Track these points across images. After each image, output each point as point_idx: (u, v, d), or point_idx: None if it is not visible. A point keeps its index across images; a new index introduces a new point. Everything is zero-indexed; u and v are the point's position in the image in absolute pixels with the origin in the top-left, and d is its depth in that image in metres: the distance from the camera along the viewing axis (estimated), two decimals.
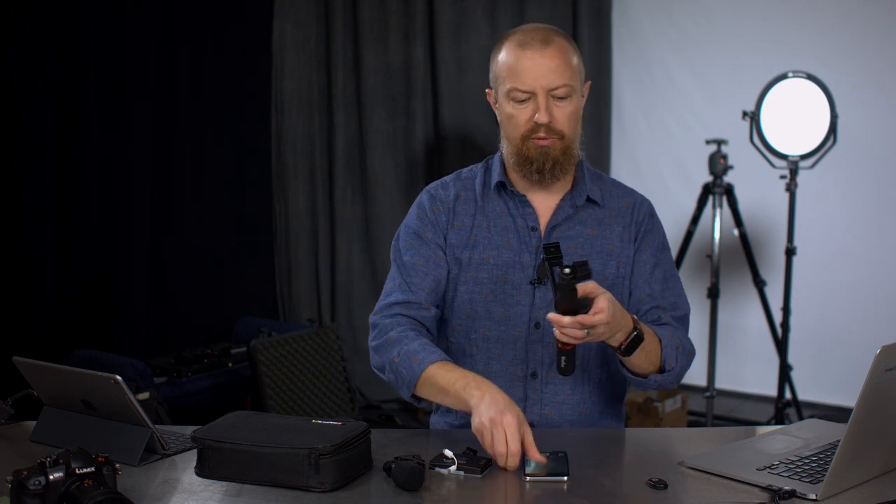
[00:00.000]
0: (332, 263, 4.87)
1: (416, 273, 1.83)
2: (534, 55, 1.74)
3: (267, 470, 1.44)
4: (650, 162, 4.98)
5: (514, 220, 1.84)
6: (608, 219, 1.85)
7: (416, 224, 1.87)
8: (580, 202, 1.83)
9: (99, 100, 3.98)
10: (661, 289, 1.84)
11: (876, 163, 4.37)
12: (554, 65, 1.74)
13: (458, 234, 1.86)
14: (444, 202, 1.88)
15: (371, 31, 4.82)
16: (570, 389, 1.82)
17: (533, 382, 1.82)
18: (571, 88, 1.75)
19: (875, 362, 1.30)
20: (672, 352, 1.74)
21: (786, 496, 1.36)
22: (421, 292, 1.82)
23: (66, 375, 1.66)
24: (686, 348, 1.79)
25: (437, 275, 1.84)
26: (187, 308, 4.36)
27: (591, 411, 1.85)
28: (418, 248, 1.85)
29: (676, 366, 1.75)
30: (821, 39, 4.42)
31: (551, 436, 1.74)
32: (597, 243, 1.83)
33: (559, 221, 1.83)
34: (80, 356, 3.57)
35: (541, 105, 1.74)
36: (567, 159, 1.79)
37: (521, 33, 1.79)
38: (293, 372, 3.86)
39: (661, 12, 4.92)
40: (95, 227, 4.01)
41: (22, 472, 1.27)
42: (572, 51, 1.79)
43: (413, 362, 1.70)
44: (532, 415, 1.82)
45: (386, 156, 4.89)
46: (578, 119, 1.81)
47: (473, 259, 1.84)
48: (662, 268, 1.85)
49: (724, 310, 4.38)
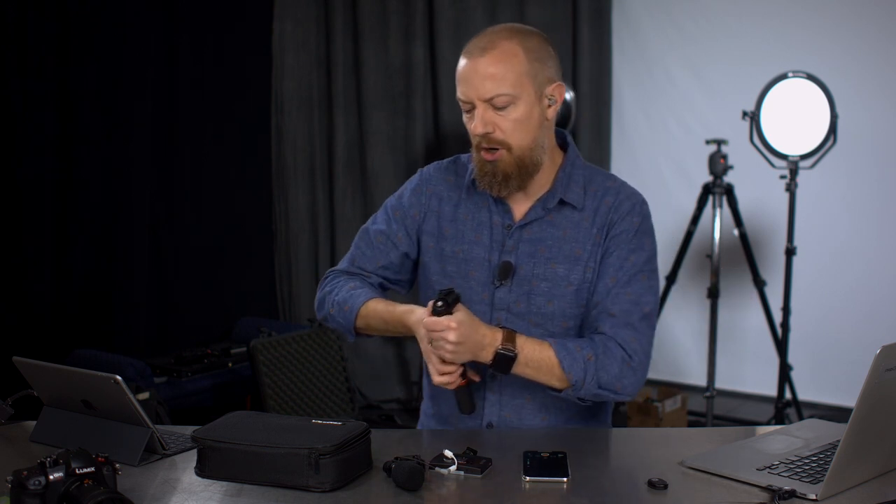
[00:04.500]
0: (332, 263, 4.87)
1: (371, 248, 1.89)
2: (469, 64, 1.70)
3: (267, 470, 1.44)
4: (650, 162, 4.98)
5: (491, 216, 1.82)
6: (585, 221, 1.78)
7: (394, 202, 1.92)
8: (552, 205, 1.78)
9: (99, 100, 3.98)
10: (618, 293, 1.73)
11: (876, 163, 4.37)
12: (489, 73, 1.67)
13: (436, 221, 1.86)
14: (428, 185, 1.89)
15: (371, 31, 4.82)
16: (529, 395, 1.78)
17: (492, 383, 1.80)
18: (511, 97, 1.68)
19: (875, 362, 1.30)
20: (576, 365, 1.66)
21: (786, 496, 1.36)
22: (369, 264, 1.90)
23: (66, 375, 1.66)
24: (608, 360, 1.67)
25: (389, 254, 1.89)
26: (187, 308, 4.36)
27: (555, 419, 1.80)
28: (384, 224, 1.90)
29: (587, 378, 1.66)
30: (821, 39, 4.42)
31: (551, 436, 1.74)
32: (565, 247, 1.77)
33: (528, 222, 1.79)
34: (80, 356, 3.57)
35: (477, 116, 1.70)
36: (522, 170, 1.73)
37: (474, 39, 1.74)
38: (293, 372, 3.86)
39: (661, 12, 4.92)
40: (95, 227, 4.01)
41: (22, 472, 1.27)
42: (522, 55, 1.69)
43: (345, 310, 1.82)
44: (491, 415, 1.80)
45: (386, 156, 4.89)
46: (533, 126, 1.72)
47: (445, 251, 1.84)
48: (627, 270, 1.75)
49: (724, 310, 4.38)
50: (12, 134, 3.73)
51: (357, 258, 1.90)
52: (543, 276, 1.77)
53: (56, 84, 3.85)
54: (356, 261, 1.90)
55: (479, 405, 1.80)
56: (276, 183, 4.77)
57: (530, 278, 1.77)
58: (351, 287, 1.84)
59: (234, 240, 4.58)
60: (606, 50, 4.97)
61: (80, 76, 3.91)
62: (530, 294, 1.77)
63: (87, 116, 3.95)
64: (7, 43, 3.69)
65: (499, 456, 1.55)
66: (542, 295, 1.76)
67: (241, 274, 4.63)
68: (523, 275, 1.77)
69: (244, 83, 4.61)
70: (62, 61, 3.86)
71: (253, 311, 4.56)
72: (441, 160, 1.93)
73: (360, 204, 4.91)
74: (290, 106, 4.73)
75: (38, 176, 3.81)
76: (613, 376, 1.68)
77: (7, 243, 3.74)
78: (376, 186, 4.87)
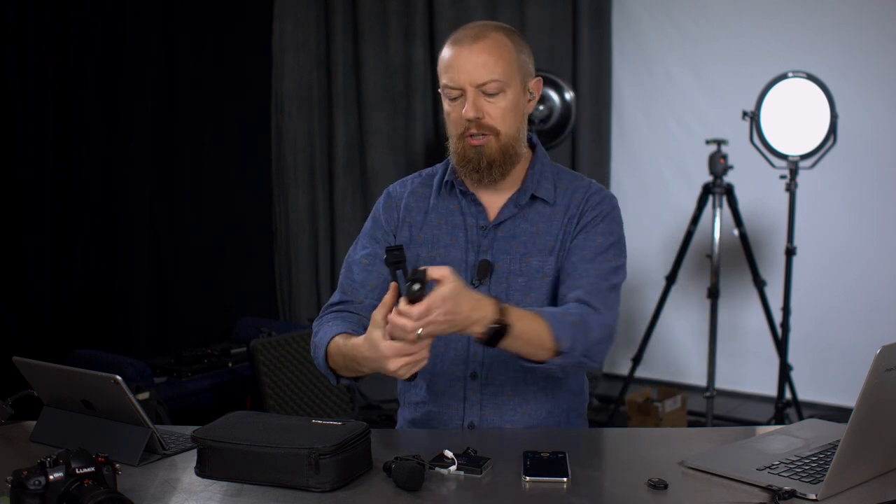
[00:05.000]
0: (332, 263, 4.87)
1: (361, 270, 1.86)
2: (462, 51, 1.73)
3: (267, 470, 1.44)
4: (650, 162, 4.98)
5: (464, 218, 1.84)
6: (556, 215, 1.81)
7: (370, 225, 1.91)
8: (524, 201, 1.82)
9: (99, 100, 3.98)
10: (585, 268, 1.75)
11: (876, 163, 4.37)
12: (482, 60, 1.71)
13: (409, 231, 1.87)
14: (397, 199, 1.90)
15: (371, 31, 4.82)
16: (510, 391, 1.79)
17: (472, 383, 1.80)
18: (502, 84, 1.72)
19: (875, 362, 1.30)
20: (566, 331, 1.63)
21: (786, 496, 1.36)
22: (361, 289, 1.84)
23: (66, 375, 1.66)
24: (591, 323, 1.66)
25: (381, 272, 1.85)
26: (187, 308, 4.36)
27: (536, 412, 1.81)
28: (369, 247, 1.88)
29: (576, 345, 1.64)
30: (821, 39, 4.42)
31: (551, 436, 1.74)
32: (539, 241, 1.80)
33: (503, 220, 1.82)
34: (80, 356, 3.57)
35: (468, 100, 1.73)
36: (506, 158, 1.77)
37: (460, 31, 1.78)
38: (293, 372, 3.85)
39: (661, 12, 4.92)
40: (95, 228, 4.01)
41: (22, 472, 1.27)
42: (510, 46, 1.75)
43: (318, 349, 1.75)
44: (472, 415, 1.80)
45: (386, 156, 4.89)
46: (518, 116, 1.77)
47: (422, 257, 1.83)
48: (592, 249, 1.76)
49: (724, 310, 4.38)
50: (12, 134, 3.74)
51: (346, 287, 1.87)
52: (519, 270, 1.79)
53: (56, 84, 3.85)
54: (346, 290, 1.86)
55: (458, 406, 1.80)
56: (276, 183, 4.77)
57: (507, 274, 1.79)
58: (328, 325, 1.77)
59: (234, 240, 4.59)
60: (606, 50, 4.97)
61: (80, 76, 3.91)
62: (508, 290, 1.78)
63: (87, 116, 3.95)
64: (7, 43, 3.69)
65: (499, 456, 1.55)
66: (519, 290, 1.78)
67: (241, 274, 4.63)
68: (500, 272, 1.79)
69: (244, 83, 4.61)
70: (62, 61, 3.86)
71: (253, 311, 4.56)
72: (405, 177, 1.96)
73: (360, 204, 4.91)
74: (290, 106, 4.73)
75: (38, 176, 3.82)
76: (594, 341, 1.67)
77: (7, 243, 3.74)
78: (376, 186, 4.87)
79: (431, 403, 1.83)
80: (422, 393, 1.84)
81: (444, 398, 1.82)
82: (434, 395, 1.82)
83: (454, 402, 1.81)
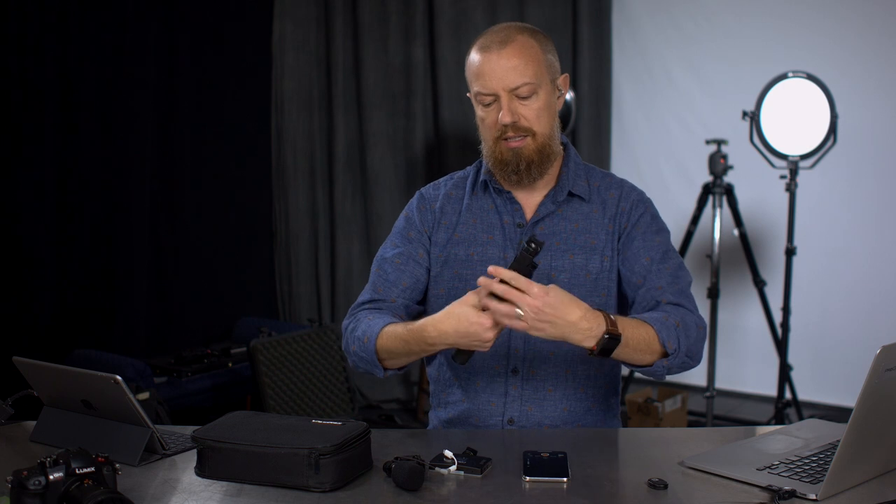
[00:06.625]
0: (332, 263, 4.87)
1: (394, 269, 1.86)
2: (492, 57, 1.75)
3: (267, 470, 1.44)
4: (650, 162, 4.98)
5: (500, 216, 1.86)
6: (594, 213, 1.84)
7: (403, 224, 1.92)
8: (561, 198, 1.84)
9: (99, 99, 3.98)
10: (658, 269, 1.79)
11: (876, 163, 4.37)
12: (512, 65, 1.73)
13: (445, 232, 1.88)
14: (431, 201, 1.91)
15: (371, 31, 4.82)
16: (551, 386, 1.81)
17: (514, 379, 1.81)
18: (534, 86, 1.75)
19: (875, 362, 1.30)
20: (671, 333, 1.66)
21: (786, 496, 1.36)
22: (394, 288, 1.85)
23: (66, 375, 1.66)
24: (689, 323, 1.71)
25: (414, 272, 1.86)
26: (187, 308, 4.36)
27: (575, 409, 1.83)
28: (401, 246, 1.88)
29: (681, 346, 1.67)
30: (821, 39, 4.42)
31: (550, 437, 1.74)
32: (580, 238, 1.82)
33: (541, 217, 1.84)
34: (80, 356, 3.57)
35: (503, 106, 1.75)
36: (543, 157, 1.80)
37: (485, 36, 1.79)
38: (293, 372, 3.86)
39: (661, 12, 4.92)
40: (95, 227, 4.01)
41: (22, 472, 1.27)
42: (538, 47, 1.77)
43: (364, 342, 1.74)
44: (512, 411, 1.81)
45: (386, 156, 4.89)
46: (551, 114, 1.80)
47: (459, 255, 1.85)
48: (658, 249, 1.81)
49: (724, 310, 4.38)
50: (12, 133, 3.73)
51: (379, 284, 1.86)
52: (562, 267, 1.81)
53: (56, 83, 3.85)
54: (378, 288, 1.85)
55: (498, 403, 1.80)
56: (276, 183, 4.77)
57: (549, 271, 1.80)
58: (369, 318, 1.78)
59: (234, 240, 4.58)
60: (606, 50, 4.97)
61: (79, 78, 3.91)
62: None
63: (88, 117, 3.95)
64: (7, 43, 3.69)
65: (499, 456, 1.55)
66: (562, 286, 1.77)
67: (241, 274, 4.63)
68: (542, 268, 1.78)
69: (244, 83, 4.61)
70: (62, 60, 3.86)
71: (253, 311, 4.56)
72: (436, 180, 1.97)
73: (360, 204, 4.91)
74: (290, 106, 4.73)
75: (39, 176, 3.81)
76: (693, 340, 1.71)
77: (7, 243, 3.74)
78: (376, 186, 4.87)
79: (470, 401, 1.83)
80: (459, 392, 1.85)
81: (484, 395, 1.82)
82: (473, 392, 1.83)
83: (494, 398, 1.82)
